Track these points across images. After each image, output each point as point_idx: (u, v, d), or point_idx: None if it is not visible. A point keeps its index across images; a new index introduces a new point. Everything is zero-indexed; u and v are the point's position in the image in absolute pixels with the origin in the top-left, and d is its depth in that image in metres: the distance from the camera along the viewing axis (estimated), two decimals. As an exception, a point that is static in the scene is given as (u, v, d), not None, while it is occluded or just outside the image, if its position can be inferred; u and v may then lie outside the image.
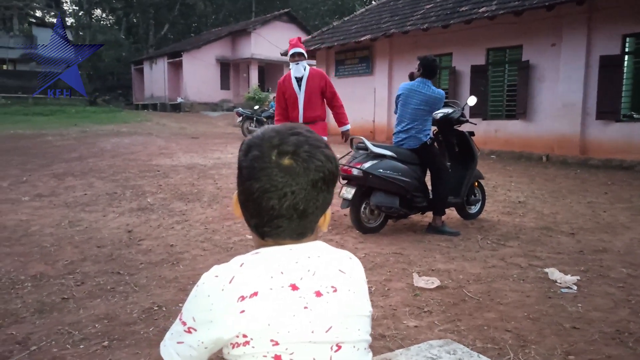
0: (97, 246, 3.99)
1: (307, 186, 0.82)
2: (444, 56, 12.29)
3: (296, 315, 0.80)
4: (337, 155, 0.92)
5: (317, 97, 4.85)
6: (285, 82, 4.92)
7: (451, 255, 3.86)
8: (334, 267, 0.87)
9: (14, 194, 6.01)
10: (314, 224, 0.88)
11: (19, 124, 15.90)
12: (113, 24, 40.89)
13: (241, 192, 0.87)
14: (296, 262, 0.84)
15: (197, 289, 0.84)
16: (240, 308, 0.79)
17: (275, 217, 0.84)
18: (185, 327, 0.83)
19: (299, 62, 4.85)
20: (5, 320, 2.62)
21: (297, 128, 0.87)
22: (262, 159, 0.83)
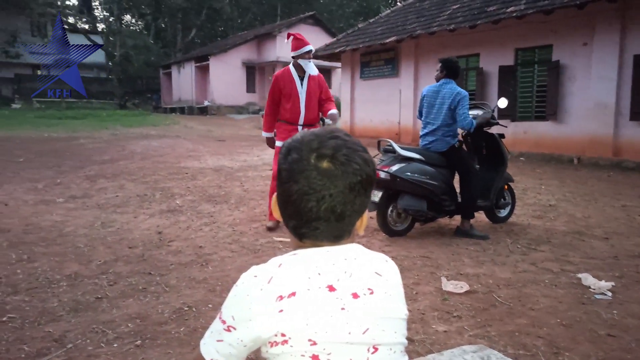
0: (128, 247, 4.08)
1: (345, 189, 0.84)
2: (470, 57, 12.15)
3: (333, 316, 0.81)
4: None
5: (316, 98, 4.72)
6: (285, 78, 4.63)
7: (480, 259, 3.81)
8: (370, 270, 0.88)
9: (49, 195, 6.21)
10: (351, 227, 0.89)
11: (53, 127, 16.41)
12: (142, 29, 41.80)
13: (280, 194, 0.89)
14: (333, 263, 0.85)
15: (236, 288, 0.86)
16: (279, 307, 0.81)
17: (313, 220, 0.85)
18: (225, 326, 0.85)
19: (310, 60, 4.68)
20: (43, 318, 2.71)
21: (336, 132, 0.89)
22: (301, 161, 0.85)
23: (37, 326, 2.60)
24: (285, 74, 4.66)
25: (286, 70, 4.69)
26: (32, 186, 6.77)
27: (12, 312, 2.77)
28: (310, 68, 4.64)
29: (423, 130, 4.59)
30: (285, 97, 4.62)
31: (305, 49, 4.62)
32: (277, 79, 4.64)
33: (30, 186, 6.77)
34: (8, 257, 3.75)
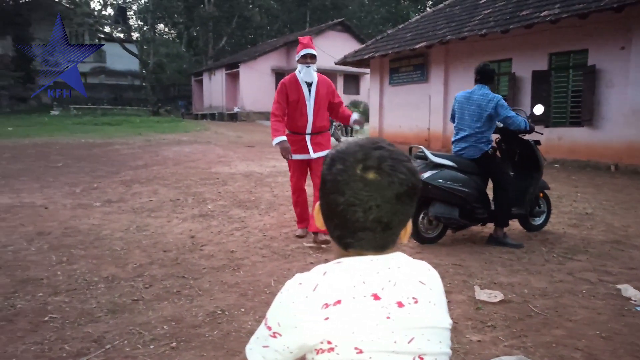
0: (163, 250, 4.18)
1: (392, 200, 0.84)
2: (503, 62, 11.97)
3: (379, 325, 0.82)
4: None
5: (325, 105, 4.47)
6: (291, 85, 4.38)
7: (514, 268, 3.73)
8: (414, 279, 0.88)
9: (86, 199, 6.40)
10: (396, 237, 0.90)
11: (89, 134, 16.94)
12: (175, 37, 42.78)
13: (324, 204, 0.90)
14: (377, 272, 0.86)
15: (281, 295, 0.87)
16: (325, 315, 0.81)
17: (360, 230, 0.86)
18: (271, 332, 0.86)
19: (311, 65, 4.36)
20: (82, 318, 2.79)
21: (380, 142, 0.89)
22: (347, 172, 0.85)
23: (77, 326, 2.69)
24: (292, 81, 4.41)
25: (292, 76, 4.44)
26: (71, 190, 7.00)
27: (54, 313, 2.87)
28: (306, 74, 4.35)
29: (455, 137, 4.54)
30: (292, 104, 4.38)
31: (302, 52, 4.36)
32: (284, 85, 4.40)
33: (69, 190, 7.00)
34: (49, 259, 3.89)
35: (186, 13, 37.96)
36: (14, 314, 2.84)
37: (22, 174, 8.56)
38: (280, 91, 4.40)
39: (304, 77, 4.36)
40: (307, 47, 4.35)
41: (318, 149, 4.44)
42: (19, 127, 19.34)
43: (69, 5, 34.56)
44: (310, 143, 4.43)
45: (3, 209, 5.70)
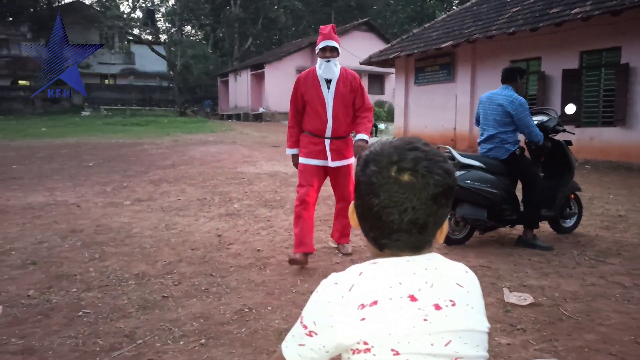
0: (191, 249, 4.25)
1: (428, 201, 0.84)
2: (531, 60, 11.74)
3: (416, 327, 0.81)
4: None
5: (348, 106, 3.83)
6: (308, 82, 3.80)
7: (544, 270, 3.66)
8: (451, 281, 0.87)
9: (117, 198, 6.56)
10: (432, 238, 0.89)
11: (119, 134, 17.33)
12: (202, 39, 43.37)
13: (359, 206, 0.90)
14: (414, 273, 0.85)
15: (316, 295, 0.88)
16: (361, 316, 0.81)
17: (395, 231, 0.86)
18: (307, 331, 0.87)
19: (331, 59, 3.72)
20: (114, 314, 2.87)
21: (415, 142, 0.89)
22: (381, 174, 0.85)
23: (110, 322, 2.76)
24: (309, 76, 3.83)
25: (310, 72, 3.86)
26: (102, 189, 7.18)
27: (87, 308, 2.95)
28: (326, 69, 3.75)
29: (481, 137, 4.49)
30: (308, 103, 3.82)
31: (320, 44, 3.74)
32: (299, 81, 3.85)
33: (100, 189, 7.18)
34: (82, 255, 4.00)
35: (213, 15, 38.47)
36: (50, 308, 2.94)
37: (55, 173, 8.82)
38: (295, 91, 3.87)
39: (323, 73, 3.75)
40: (327, 38, 3.72)
41: (337, 157, 3.85)
42: (52, 127, 19.94)
43: (100, 8, 35.43)
44: (329, 149, 3.83)
45: (38, 207, 5.89)
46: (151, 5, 40.38)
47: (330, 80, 3.77)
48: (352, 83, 3.83)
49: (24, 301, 3.03)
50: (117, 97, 34.36)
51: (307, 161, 3.86)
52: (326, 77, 3.76)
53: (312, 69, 3.88)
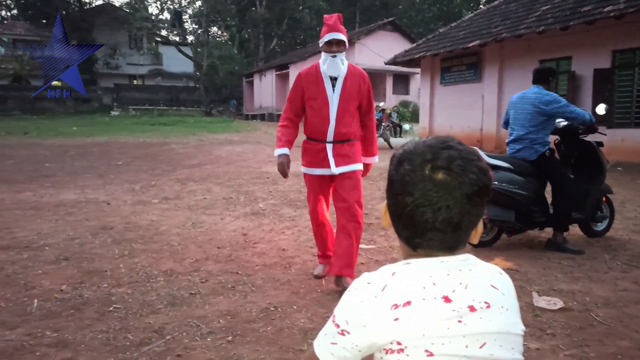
0: (217, 247, 4.30)
1: (462, 200, 0.83)
2: (562, 60, 11.49)
3: (450, 328, 0.81)
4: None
5: (354, 106, 3.35)
6: (309, 78, 3.34)
7: (575, 275, 3.58)
8: (486, 282, 0.86)
9: (145, 196, 6.69)
10: (466, 237, 0.89)
11: (147, 133, 17.67)
12: (227, 40, 43.84)
13: (392, 205, 0.90)
14: (447, 274, 0.85)
15: (349, 293, 0.88)
16: (394, 316, 0.81)
17: (429, 230, 0.85)
18: (339, 330, 0.87)
19: (337, 54, 3.21)
20: (144, 309, 2.93)
21: (449, 141, 0.88)
22: (415, 172, 0.85)
23: (139, 317, 2.82)
24: (311, 73, 3.35)
25: (313, 68, 3.38)
26: (130, 187, 7.34)
27: (117, 303, 3.02)
28: (331, 65, 3.23)
29: (510, 138, 4.41)
30: (310, 103, 3.34)
31: (325, 37, 3.22)
32: (300, 79, 3.39)
33: (129, 187, 7.34)
34: (112, 252, 4.10)
35: (239, 16, 38.86)
36: (82, 303, 3.02)
37: (86, 171, 9.06)
38: (295, 89, 3.41)
39: (328, 70, 3.24)
40: (333, 29, 3.20)
41: (342, 162, 3.30)
42: (82, 127, 20.46)
43: (129, 10, 36.19)
44: (332, 154, 3.31)
45: (70, 204, 6.06)
46: (179, 6, 41.03)
47: (336, 78, 3.26)
48: (361, 83, 3.32)
49: (57, 295, 3.12)
50: (145, 97, 35.05)
51: (309, 171, 3.39)
52: (331, 74, 3.24)
53: (315, 65, 3.36)
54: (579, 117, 4.16)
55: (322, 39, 3.25)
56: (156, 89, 37.04)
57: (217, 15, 38.71)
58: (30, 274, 3.51)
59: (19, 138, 15.73)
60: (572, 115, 4.15)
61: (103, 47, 36.28)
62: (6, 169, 9.28)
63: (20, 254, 4.00)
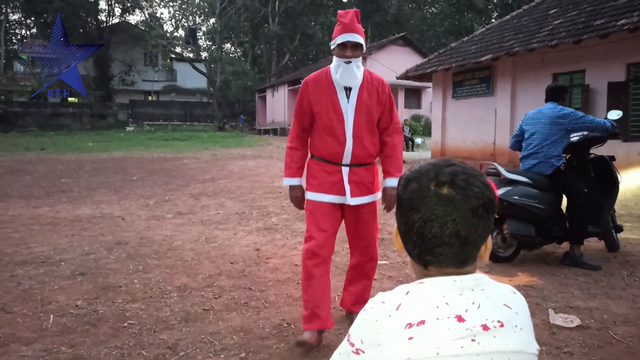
0: (230, 262, 4.32)
1: (468, 213, 0.86)
2: (575, 73, 11.43)
3: (464, 347, 0.81)
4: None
5: (373, 122, 2.77)
6: (320, 89, 2.74)
7: (592, 291, 3.52)
8: (499, 302, 0.87)
9: (159, 211, 6.76)
10: (475, 252, 0.90)
11: (161, 148, 17.88)
12: (240, 56, 44.40)
13: (402, 224, 0.92)
14: (460, 294, 0.86)
15: (364, 313, 0.89)
16: (408, 335, 0.82)
17: (437, 245, 0.87)
18: (354, 348, 0.88)
19: (353, 60, 2.63)
20: (158, 325, 2.94)
21: (452, 160, 0.92)
22: (421, 190, 0.88)
23: (153, 333, 2.84)
24: (320, 80, 2.77)
25: (322, 75, 2.78)
26: (145, 202, 7.42)
27: (132, 319, 3.04)
28: (344, 74, 2.65)
29: (524, 152, 4.42)
30: (320, 118, 2.75)
31: (338, 39, 2.63)
32: (306, 87, 2.79)
33: (143, 202, 7.42)
34: (127, 267, 4.13)
35: (252, 32, 39.41)
36: (97, 318, 3.04)
37: (101, 186, 9.18)
38: (300, 100, 2.81)
39: (341, 79, 2.66)
40: (348, 29, 2.61)
41: (359, 192, 2.75)
42: (98, 142, 20.78)
43: (145, 28, 36.93)
44: (347, 180, 2.74)
45: (86, 219, 6.14)
46: (193, 24, 41.78)
47: (350, 88, 2.71)
48: (380, 93, 2.76)
49: (72, 311, 3.16)
50: (159, 113, 35.56)
51: (318, 197, 2.75)
52: (346, 84, 2.67)
53: (325, 70, 2.79)
54: (598, 126, 4.20)
55: (335, 40, 2.66)
56: (170, 104, 37.57)
57: (231, 32, 39.33)
58: (46, 289, 3.55)
59: (36, 153, 16.03)
60: (592, 125, 4.20)
61: (119, 64, 37.07)
62: (24, 184, 9.45)
63: (37, 269, 4.06)
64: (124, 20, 40.04)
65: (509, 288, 0.93)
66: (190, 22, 42.12)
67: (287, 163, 2.88)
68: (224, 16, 35.09)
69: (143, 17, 39.28)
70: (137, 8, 38.73)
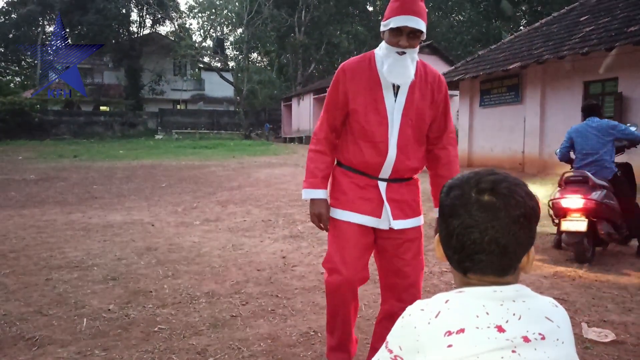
0: (257, 269, 4.36)
1: (508, 221, 0.86)
2: (607, 81, 11.15)
3: (504, 358, 0.81)
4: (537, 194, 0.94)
5: (423, 129, 2.20)
6: (361, 79, 2.13)
7: (627, 305, 3.42)
8: (540, 314, 0.87)
9: (188, 218, 6.87)
10: (516, 262, 0.90)
11: (189, 156, 18.20)
12: (266, 65, 44.93)
13: (443, 230, 0.93)
14: (501, 304, 0.86)
15: (402, 320, 0.90)
16: (448, 342, 0.83)
17: (477, 252, 0.88)
18: (392, 355, 0.89)
19: (408, 50, 2.02)
20: (187, 331, 2.99)
21: (496, 170, 0.93)
22: (463, 197, 0.89)
23: (183, 338, 2.88)
24: (363, 69, 2.14)
25: (365, 62, 2.17)
26: (174, 209, 7.56)
27: (162, 324, 3.10)
28: (393, 68, 2.04)
29: (581, 162, 4.79)
30: (357, 117, 2.14)
31: (393, 21, 1.99)
32: (344, 74, 2.15)
33: (172, 209, 7.56)
34: (157, 273, 4.22)
35: (278, 42, 39.85)
36: (129, 323, 3.11)
37: (132, 193, 9.40)
38: (335, 87, 2.18)
39: (390, 74, 2.06)
40: (407, 10, 1.96)
41: (401, 214, 2.16)
42: (129, 150, 21.28)
43: (175, 39, 37.80)
44: (386, 198, 2.16)
45: (117, 225, 6.30)
46: (221, 34, 42.52)
47: (399, 85, 2.11)
48: (435, 92, 2.19)
49: (105, 315, 3.24)
50: (187, 121, 36.25)
51: (347, 216, 2.17)
52: (394, 80, 2.08)
53: (368, 56, 2.19)
54: (636, 137, 4.68)
55: (387, 21, 2.02)
56: (198, 113, 38.25)
57: (258, 42, 39.84)
58: (80, 293, 3.65)
59: (70, 161, 16.52)
60: (632, 136, 4.67)
61: (149, 73, 37.99)
62: (58, 190, 9.75)
63: (71, 273, 4.18)
64: (155, 31, 41.09)
65: (551, 301, 0.92)
66: (218, 32, 42.92)
67: (309, 170, 2.23)
68: (251, 26, 35.62)
69: (173, 28, 40.24)
70: (167, 19, 39.69)
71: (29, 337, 2.85)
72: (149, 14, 40.34)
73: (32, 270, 4.27)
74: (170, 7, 38.56)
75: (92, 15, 33.88)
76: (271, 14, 35.72)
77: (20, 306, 3.38)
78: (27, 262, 4.52)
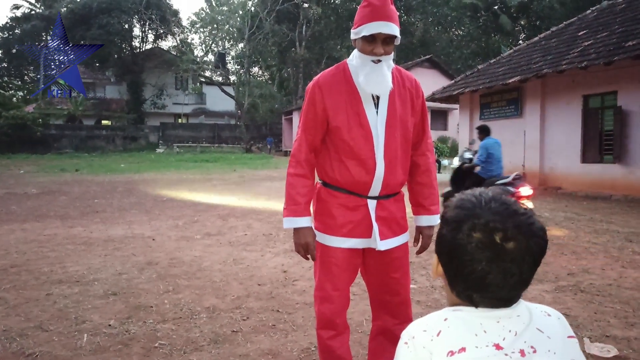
0: (258, 284, 4.35)
1: (531, 262, 0.87)
2: (606, 95, 11.22)
3: None
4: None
5: (407, 139, 2.08)
6: (339, 94, 1.99)
7: (630, 320, 3.40)
8: (532, 326, 0.89)
9: (189, 232, 6.87)
10: (522, 292, 0.91)
11: (190, 170, 18.24)
12: (268, 79, 45.24)
13: (455, 268, 0.92)
14: (497, 321, 0.87)
15: (408, 345, 0.91)
16: None
17: (493, 291, 0.88)
18: None
19: (384, 58, 1.91)
20: (188, 346, 2.98)
21: (512, 205, 0.90)
22: (482, 242, 0.87)
23: (183, 354, 2.87)
24: (339, 82, 2.01)
25: (339, 74, 2.02)
26: (174, 223, 7.56)
27: (163, 339, 3.09)
28: (370, 78, 1.91)
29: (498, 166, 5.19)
30: (339, 134, 1.99)
31: (365, 28, 1.87)
32: (320, 89, 2.00)
33: (173, 223, 7.56)
34: (157, 287, 4.21)
35: (279, 56, 40.19)
36: (129, 338, 3.10)
37: (133, 207, 9.41)
38: (312, 106, 2.01)
39: (367, 84, 1.93)
40: (380, 15, 1.84)
41: (389, 232, 2.06)
42: (130, 163, 21.34)
43: (177, 53, 38.13)
44: (376, 217, 2.03)
45: (118, 239, 6.29)
46: (222, 49, 42.88)
47: (379, 96, 1.99)
48: (414, 98, 2.10)
49: (105, 330, 3.23)
50: (189, 135, 36.41)
51: (340, 242, 2.04)
52: (373, 91, 1.95)
53: (341, 67, 2.05)
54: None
55: (359, 29, 1.90)
56: (199, 127, 38.42)
57: (259, 56, 40.19)
58: (80, 308, 3.64)
59: (72, 174, 16.56)
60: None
61: (151, 87, 38.26)
62: (60, 204, 9.76)
63: (72, 288, 4.17)
64: (157, 46, 41.47)
65: (544, 310, 0.94)
66: (219, 47, 43.28)
67: (290, 196, 2.03)
68: (252, 41, 35.96)
69: (175, 43, 40.61)
70: (169, 34, 40.09)
71: (29, 353, 2.84)
72: (151, 29, 40.78)
73: (33, 285, 4.27)
74: (173, 23, 38.97)
75: (95, 31, 34.25)
76: (272, 29, 36.08)
77: (21, 321, 3.37)
78: (28, 277, 4.51)
